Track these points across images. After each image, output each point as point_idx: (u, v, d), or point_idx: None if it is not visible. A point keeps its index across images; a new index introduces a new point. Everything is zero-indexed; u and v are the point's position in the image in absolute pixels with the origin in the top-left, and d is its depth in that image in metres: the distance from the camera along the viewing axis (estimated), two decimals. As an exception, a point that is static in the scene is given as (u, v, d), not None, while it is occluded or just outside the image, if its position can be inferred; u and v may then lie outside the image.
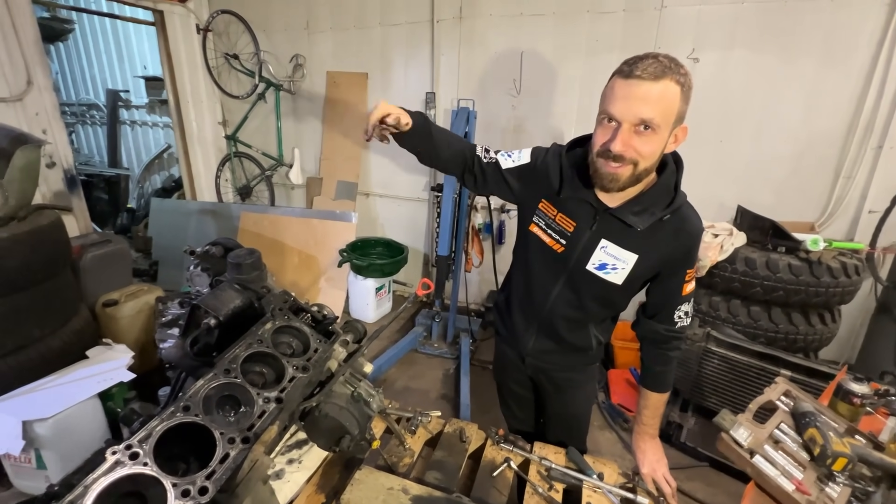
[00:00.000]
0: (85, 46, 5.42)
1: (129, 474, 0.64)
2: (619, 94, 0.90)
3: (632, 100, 0.88)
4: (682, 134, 0.97)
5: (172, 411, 0.75)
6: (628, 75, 0.88)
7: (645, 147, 0.92)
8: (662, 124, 0.90)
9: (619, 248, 1.07)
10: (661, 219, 1.03)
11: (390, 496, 1.02)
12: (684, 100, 0.90)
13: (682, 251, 1.07)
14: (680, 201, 1.03)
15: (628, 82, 0.88)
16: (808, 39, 2.42)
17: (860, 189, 2.54)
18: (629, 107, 0.89)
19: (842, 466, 0.93)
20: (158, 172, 5.51)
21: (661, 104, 0.88)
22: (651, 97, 0.87)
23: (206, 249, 1.18)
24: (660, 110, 0.88)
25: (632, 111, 0.89)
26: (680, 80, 0.88)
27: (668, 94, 0.88)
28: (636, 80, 0.87)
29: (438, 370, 2.95)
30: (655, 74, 0.86)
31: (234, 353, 0.88)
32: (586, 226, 1.09)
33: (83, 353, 2.09)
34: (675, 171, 1.05)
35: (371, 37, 3.36)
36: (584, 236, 1.09)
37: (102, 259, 2.61)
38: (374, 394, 1.09)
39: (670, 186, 1.04)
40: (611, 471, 1.19)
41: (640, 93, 0.87)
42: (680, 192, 1.04)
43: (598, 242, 1.09)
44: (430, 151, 1.18)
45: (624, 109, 0.89)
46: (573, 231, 1.11)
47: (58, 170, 2.78)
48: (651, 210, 1.03)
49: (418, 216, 3.70)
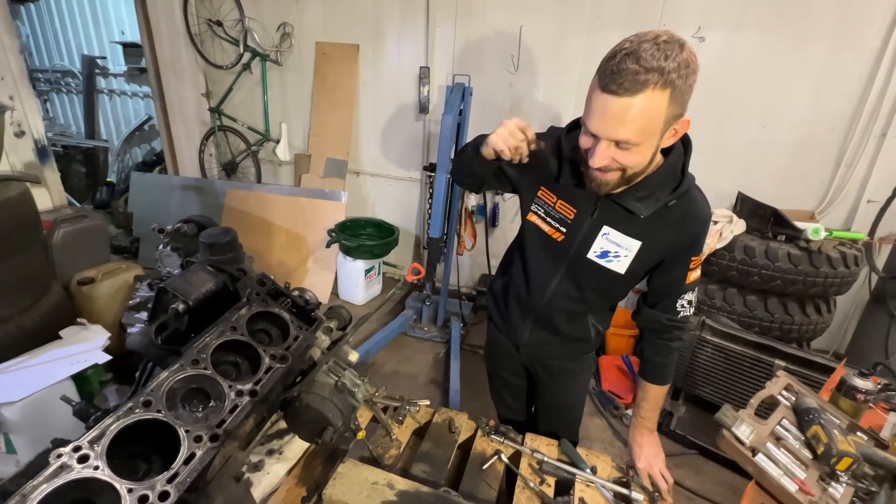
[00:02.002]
0: (58, 8, 5.10)
1: (76, 480, 0.56)
2: (596, 110, 0.81)
3: (607, 118, 0.79)
4: (683, 127, 0.87)
5: (131, 407, 0.67)
6: (604, 88, 0.77)
7: (628, 159, 0.84)
8: (644, 139, 0.81)
9: (622, 235, 1.01)
10: (667, 204, 0.96)
11: (375, 491, 0.96)
12: (676, 99, 0.78)
13: (688, 237, 1.01)
14: (687, 185, 0.97)
15: (604, 97, 0.78)
16: (818, 22, 2.33)
17: (860, 178, 2.50)
18: (604, 125, 0.81)
19: (846, 466, 0.89)
20: (139, 145, 5.28)
21: (640, 121, 0.78)
22: (628, 116, 0.77)
23: (178, 227, 1.09)
24: (637, 128, 0.79)
25: (606, 131, 0.81)
26: (669, 80, 0.75)
27: (650, 107, 0.77)
28: (610, 95, 0.76)
29: (428, 354, 2.91)
30: (633, 89, 0.74)
31: (203, 341, 0.81)
32: (587, 212, 1.03)
33: (56, 334, 2.00)
34: (683, 153, 0.97)
35: (363, 6, 3.18)
36: (585, 223, 1.03)
37: (77, 235, 2.49)
38: (360, 383, 1.03)
39: (677, 169, 0.96)
40: (604, 464, 1.15)
41: (615, 111, 0.77)
42: (687, 175, 0.97)
43: (599, 229, 1.03)
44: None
45: (599, 127, 0.81)
46: (573, 218, 1.05)
47: (27, 139, 2.61)
48: (656, 195, 0.96)
49: (410, 196, 3.60)
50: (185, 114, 3.89)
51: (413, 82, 3.22)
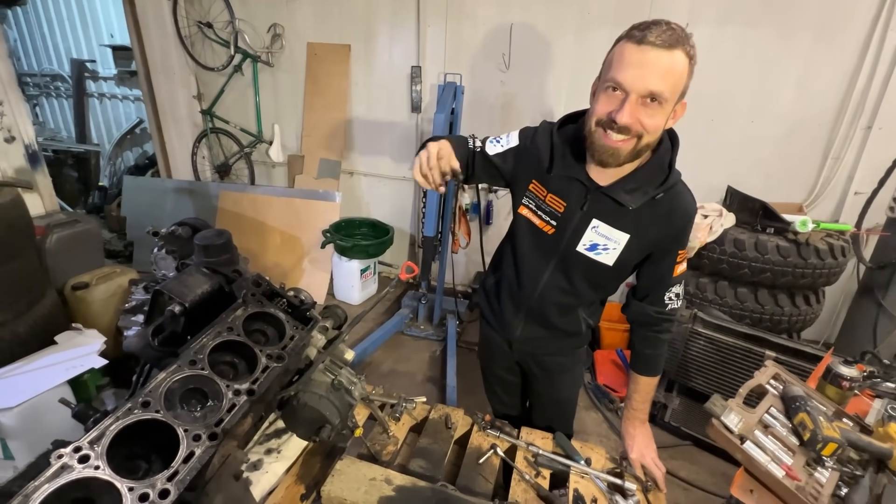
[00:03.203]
0: (45, 12, 5.04)
1: (77, 479, 0.58)
2: (630, 61, 0.83)
3: (644, 68, 0.82)
4: (681, 110, 0.92)
5: (130, 408, 0.68)
6: (641, 41, 0.81)
7: (651, 120, 0.87)
8: (670, 98, 0.85)
9: (611, 228, 1.03)
10: (654, 197, 0.99)
11: (373, 487, 0.98)
12: (690, 73, 0.86)
13: (674, 231, 1.04)
14: (674, 179, 0.99)
15: (641, 48, 0.81)
16: (804, 15, 2.36)
17: (847, 170, 2.54)
18: (641, 76, 0.83)
19: (831, 451, 0.92)
20: (131, 149, 5.25)
21: (672, 76, 0.83)
22: (663, 67, 0.81)
23: (172, 230, 1.09)
24: (671, 83, 0.83)
25: (643, 81, 0.83)
26: (689, 52, 0.83)
27: (679, 66, 0.83)
28: (649, 46, 0.80)
29: (425, 352, 2.92)
30: (670, 43, 0.80)
31: (200, 342, 0.82)
32: (577, 205, 1.05)
33: (52, 339, 1.99)
34: (671, 147, 1.00)
35: (354, 6, 3.18)
36: (575, 216, 1.05)
37: (70, 240, 2.48)
38: (356, 381, 1.04)
39: (664, 164, 0.99)
40: (598, 456, 1.17)
41: (652, 61, 0.81)
42: (674, 170, 1.00)
43: (589, 222, 1.05)
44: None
45: (635, 78, 0.83)
46: (563, 211, 1.06)
47: (18, 144, 2.60)
48: (644, 188, 0.99)
49: (404, 196, 3.60)
50: (177, 116, 3.87)
51: (405, 81, 3.23)
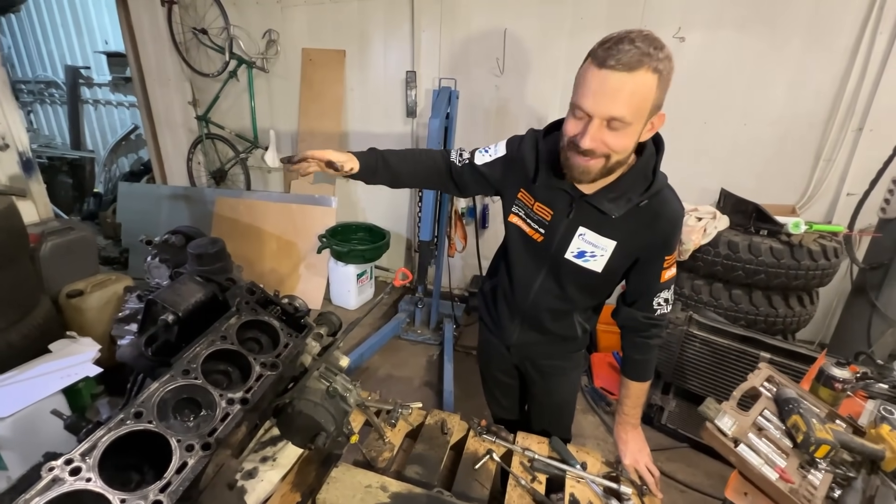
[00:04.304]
0: (40, 18, 5.05)
1: (69, 492, 0.57)
2: (591, 87, 0.83)
3: (604, 94, 0.81)
4: (659, 121, 0.91)
5: (122, 419, 0.68)
6: (602, 64, 0.80)
7: (616, 142, 0.86)
8: (635, 119, 0.84)
9: (597, 236, 1.04)
10: (638, 205, 0.98)
11: (368, 494, 0.98)
12: (662, 88, 0.83)
13: (660, 237, 1.03)
14: (658, 186, 0.98)
15: (601, 73, 0.80)
16: (794, 19, 2.39)
17: (839, 172, 2.56)
18: (599, 102, 0.82)
19: (824, 453, 0.92)
20: (126, 155, 5.24)
21: (635, 99, 0.81)
22: (624, 92, 0.80)
23: (166, 239, 1.09)
24: (633, 106, 0.82)
25: (603, 107, 0.82)
26: (658, 68, 0.80)
27: (643, 87, 0.80)
28: (609, 70, 0.79)
29: (422, 357, 2.92)
30: (630, 65, 0.78)
31: (194, 351, 0.82)
32: (563, 214, 1.05)
33: (46, 348, 1.98)
34: (655, 153, 0.99)
35: (348, 11, 3.19)
36: (562, 225, 1.06)
37: (64, 247, 2.47)
38: (351, 388, 1.04)
39: (648, 171, 0.98)
40: (594, 460, 1.18)
41: (612, 86, 0.80)
42: (658, 175, 0.99)
43: (575, 230, 1.05)
44: (395, 179, 1.19)
45: (594, 105, 0.83)
46: (551, 220, 1.07)
47: (11, 152, 2.58)
48: (627, 196, 0.98)
49: (400, 200, 3.61)
50: (172, 122, 3.88)
51: (400, 86, 3.24)
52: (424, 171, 1.20)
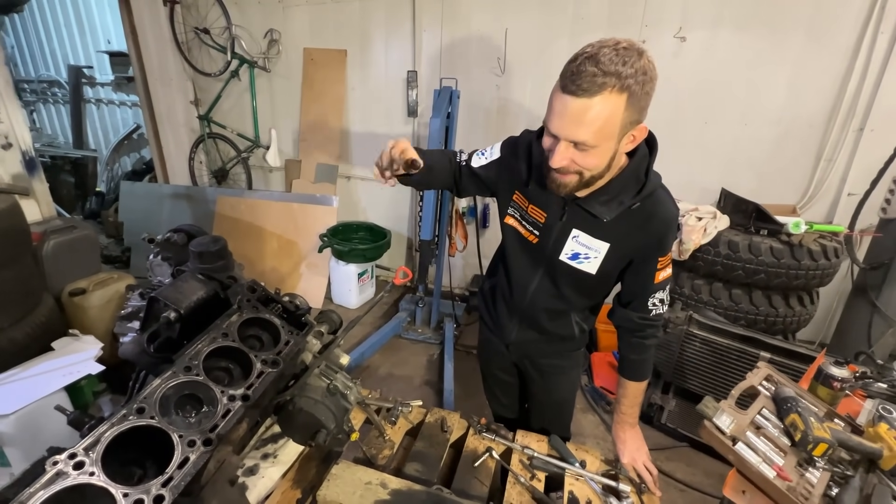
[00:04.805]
0: (42, 18, 5.06)
1: (73, 486, 0.58)
2: (556, 110, 0.83)
3: (565, 118, 0.82)
4: (641, 133, 0.89)
5: (125, 414, 0.69)
6: (564, 88, 0.80)
7: (586, 161, 0.86)
8: (601, 142, 0.83)
9: (591, 238, 1.04)
10: (630, 207, 0.98)
11: (368, 491, 0.98)
12: (633, 104, 0.80)
13: (654, 239, 1.02)
14: (651, 187, 0.97)
15: (563, 98, 0.80)
16: (794, 18, 2.39)
17: (840, 172, 2.56)
18: (563, 126, 0.83)
19: (822, 452, 0.92)
20: (128, 154, 5.26)
21: (597, 123, 0.80)
22: (586, 117, 0.80)
23: (168, 237, 1.10)
24: (594, 130, 0.81)
25: (566, 130, 0.83)
26: (626, 85, 0.77)
27: (607, 110, 0.79)
28: (570, 96, 0.79)
29: (422, 356, 2.93)
30: (591, 91, 0.77)
31: (195, 348, 0.83)
32: (556, 216, 1.06)
33: (48, 346, 1.99)
34: (648, 154, 0.98)
35: (349, 11, 3.20)
36: (556, 227, 1.06)
37: (67, 246, 2.48)
38: (352, 386, 1.05)
39: (640, 173, 0.98)
40: (593, 458, 1.18)
41: (573, 112, 0.80)
42: (651, 176, 0.97)
43: (569, 233, 1.05)
44: (427, 178, 1.15)
45: (559, 128, 0.84)
46: (545, 222, 1.08)
47: (14, 151, 2.60)
48: (619, 199, 0.98)
49: (401, 200, 3.62)
50: (174, 122, 3.89)
51: (401, 86, 3.24)
52: (444, 170, 1.18)
